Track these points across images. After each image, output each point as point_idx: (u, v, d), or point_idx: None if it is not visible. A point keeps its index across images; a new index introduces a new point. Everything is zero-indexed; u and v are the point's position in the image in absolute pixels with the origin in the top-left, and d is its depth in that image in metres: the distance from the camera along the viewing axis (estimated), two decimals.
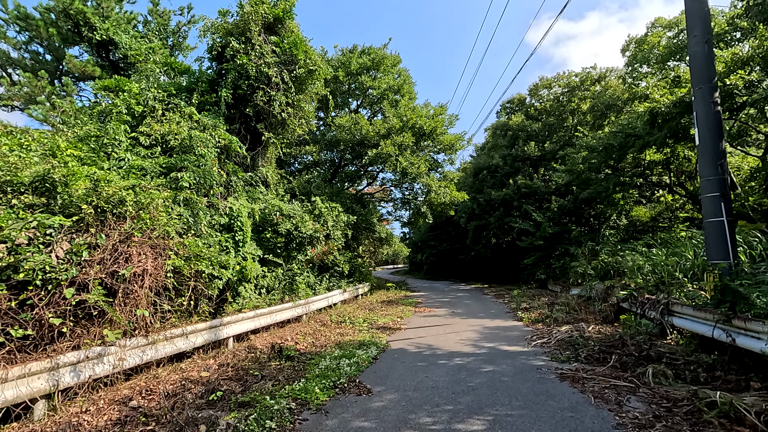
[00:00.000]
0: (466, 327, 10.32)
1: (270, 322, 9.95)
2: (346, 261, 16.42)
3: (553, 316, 10.49)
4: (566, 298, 13.74)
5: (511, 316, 11.88)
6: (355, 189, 22.71)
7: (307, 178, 17.05)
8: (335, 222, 13.35)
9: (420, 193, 22.53)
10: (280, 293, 11.30)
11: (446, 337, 9.04)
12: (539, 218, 20.40)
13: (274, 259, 11.24)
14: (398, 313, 13.26)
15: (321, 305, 13.44)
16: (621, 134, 15.54)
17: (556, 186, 23.37)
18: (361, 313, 13.42)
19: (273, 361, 7.27)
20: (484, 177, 27.34)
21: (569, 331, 8.41)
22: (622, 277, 12.79)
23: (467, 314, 12.83)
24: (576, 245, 18.73)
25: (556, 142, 24.59)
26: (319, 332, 10.04)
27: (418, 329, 10.36)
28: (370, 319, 11.84)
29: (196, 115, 10.06)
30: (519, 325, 10.24)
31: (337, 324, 11.28)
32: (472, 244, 29.55)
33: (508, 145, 26.57)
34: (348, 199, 16.89)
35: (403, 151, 16.68)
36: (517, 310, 13.03)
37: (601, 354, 6.52)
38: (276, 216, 11.11)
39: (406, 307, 14.86)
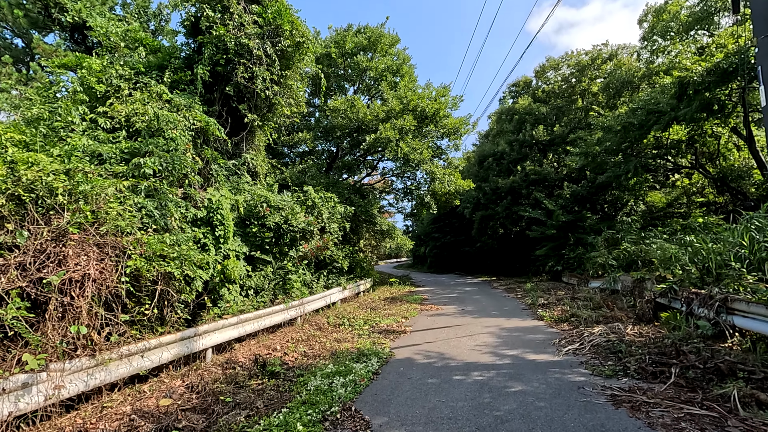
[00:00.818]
0: (481, 328, 9.10)
1: (257, 327, 8.75)
2: (345, 256, 15.21)
3: (578, 313, 9.25)
4: (588, 292, 12.49)
5: (530, 314, 10.65)
6: (354, 180, 21.42)
7: (302, 167, 15.79)
8: (331, 214, 12.10)
9: (423, 182, 21.24)
10: (270, 294, 10.10)
11: (459, 342, 7.82)
12: (551, 206, 19.12)
13: (263, 256, 10.02)
14: (403, 312, 12.05)
15: (318, 305, 12.25)
16: (642, 111, 14.19)
17: (568, 171, 22.03)
18: (362, 313, 12.22)
19: (254, 379, 6.07)
20: (490, 165, 26.02)
21: (604, 334, 7.17)
22: (649, 268, 11.55)
23: (479, 312, 11.60)
24: (592, 234, 17.46)
25: (565, 125, 23.20)
26: (313, 338, 8.84)
27: (425, 332, 9.15)
28: (372, 321, 10.63)
29: (167, 94, 8.78)
30: (541, 326, 9.01)
31: (334, 327, 10.08)
32: (478, 236, 28.30)
33: (515, 130, 25.20)
34: (346, 190, 15.64)
35: (404, 135, 15.37)
36: (534, 306, 11.79)
37: (654, 366, 5.28)
38: (263, 208, 9.87)
39: (411, 305, 13.65)
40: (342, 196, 15.33)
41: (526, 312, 11.16)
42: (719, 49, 11.20)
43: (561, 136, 22.55)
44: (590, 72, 23.36)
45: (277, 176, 14.75)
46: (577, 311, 9.29)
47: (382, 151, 15.36)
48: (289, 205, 10.27)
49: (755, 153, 14.51)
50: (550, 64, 26.01)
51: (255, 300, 9.61)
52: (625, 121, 14.57)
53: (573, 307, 10.73)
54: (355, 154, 19.77)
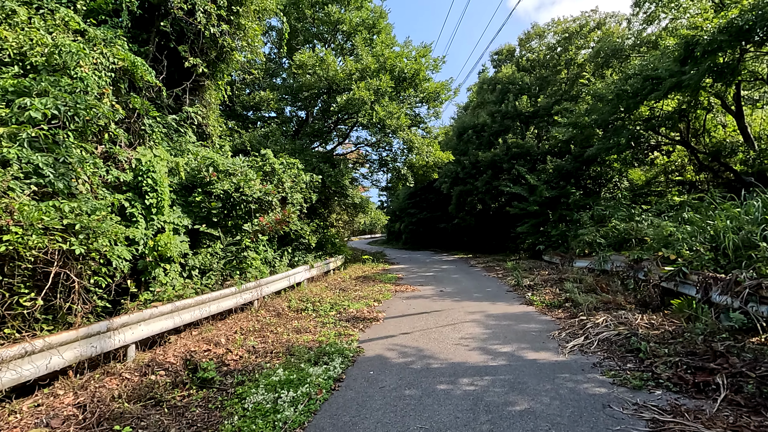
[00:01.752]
0: (464, 315, 7.93)
1: (200, 315, 7.27)
2: (313, 231, 13.74)
3: (573, 298, 8.21)
4: (575, 272, 11.57)
5: (516, 298, 9.58)
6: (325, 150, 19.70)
7: (264, 132, 13.99)
8: (294, 183, 10.53)
9: (400, 153, 19.78)
10: (219, 275, 8.58)
11: (441, 334, 6.61)
12: (533, 181, 18.11)
13: (210, 230, 8.44)
14: (375, 294, 10.80)
15: (280, 286, 10.83)
16: (637, 78, 13.08)
17: (552, 145, 21.02)
18: (329, 294, 10.90)
19: (179, 389, 4.65)
20: (469, 137, 24.74)
21: (611, 325, 6.09)
22: (642, 247, 10.67)
23: (460, 294, 10.48)
24: (576, 210, 16.60)
25: (550, 97, 22.04)
26: (268, 327, 7.45)
27: (401, 319, 7.91)
28: (340, 305, 9.32)
29: (77, 22, 6.88)
30: (532, 312, 7.91)
31: (296, 313, 8.72)
32: (455, 212, 27.29)
33: (497, 100, 23.88)
34: (314, 158, 14.01)
35: (379, 98, 13.77)
36: (520, 288, 10.76)
37: (692, 372, 4.18)
38: (208, 173, 8.22)
39: (384, 285, 12.43)
40: (309, 164, 13.71)
41: (511, 295, 10.10)
42: (734, 5, 10.05)
43: (545, 107, 21.41)
44: (577, 41, 22.12)
45: (235, 140, 12.94)
46: (573, 296, 8.24)
47: (354, 115, 13.72)
48: (242, 171, 8.64)
49: (743, 129, 13.79)
50: (536, 31, 24.61)
51: (200, 282, 8.08)
52: (619, 88, 13.45)
53: (564, 289, 9.73)
54: (326, 121, 18.01)
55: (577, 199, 16.70)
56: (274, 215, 9.00)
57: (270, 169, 9.69)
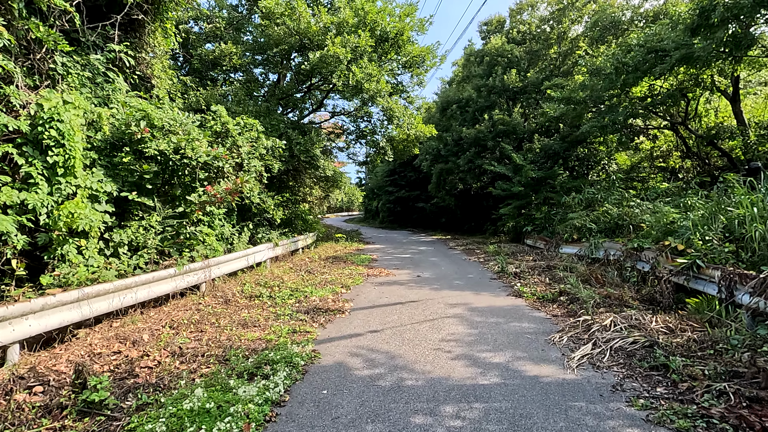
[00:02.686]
0: (445, 307, 6.81)
1: (121, 304, 5.86)
2: (278, 205, 12.29)
3: (567, 291, 7.20)
4: (562, 259, 10.62)
5: (503, 287, 8.52)
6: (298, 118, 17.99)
7: (225, 90, 12.25)
8: (254, 147, 9.02)
9: (379, 125, 18.30)
10: (155, 253, 7.13)
11: (418, 334, 5.45)
12: (519, 160, 17.03)
13: (142, 199, 6.93)
14: (344, 279, 9.58)
15: (235, 267, 9.47)
16: (640, 50, 11.97)
17: (539, 123, 19.95)
18: (292, 277, 9.61)
19: (48, 418, 3.32)
20: (453, 113, 23.39)
21: (621, 328, 5.05)
22: (638, 234, 9.79)
23: (439, 281, 9.37)
24: (563, 193, 15.69)
25: (540, 71, 20.83)
26: (209, 319, 6.13)
27: (370, 312, 6.71)
28: (302, 291, 8.05)
29: None
30: (523, 307, 6.85)
31: (248, 300, 7.40)
32: (435, 191, 26.18)
33: (484, 74, 22.50)
34: (282, 123, 12.42)
35: (358, 57, 12.19)
36: (505, 275, 9.73)
37: (750, 405, 3.13)
38: (139, 128, 6.65)
39: (356, 268, 11.21)
40: (276, 130, 12.14)
41: (496, 283, 9.05)
42: None
43: (535, 83, 20.19)
44: (571, 13, 20.84)
45: (190, 98, 11.20)
46: (569, 288, 7.22)
47: (329, 77, 12.12)
48: (184, 129, 7.10)
49: (738, 114, 13.02)
50: (528, 2, 23.15)
51: (128, 262, 6.63)
52: (620, 61, 12.32)
53: (555, 279, 8.74)
54: (299, 85, 16.27)
55: (564, 181, 15.77)
56: (226, 184, 7.52)
57: (222, 129, 8.14)
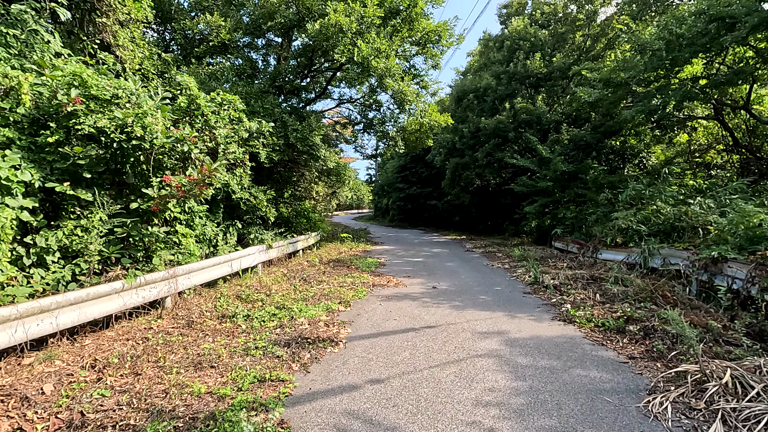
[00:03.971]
0: (473, 339, 5.09)
1: (24, 337, 4.26)
2: (271, 201, 10.68)
3: (634, 315, 5.42)
4: (615, 269, 8.78)
5: (543, 307, 6.75)
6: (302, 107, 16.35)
7: (212, 70, 10.66)
8: (233, 130, 7.37)
9: (389, 114, 16.58)
10: (95, 261, 5.54)
11: (440, 388, 3.75)
12: (545, 153, 15.16)
13: (78, 192, 5.33)
14: (345, 290, 7.92)
15: (215, 275, 7.89)
16: (700, 18, 10.07)
17: (566, 112, 18.03)
18: (283, 288, 7.98)
19: None
20: (470, 103, 21.55)
21: (758, 392, 3.27)
22: (705, 239, 7.97)
23: (461, 296, 7.64)
24: (594, 189, 13.81)
25: (567, 55, 18.87)
26: (152, 355, 4.50)
27: (373, 343, 5.03)
28: (289, 308, 6.39)
29: None
30: (582, 341, 5.06)
31: (218, 322, 5.78)
32: (449, 187, 24.38)
33: (504, 60, 20.62)
34: (277, 107, 10.77)
35: (364, 30, 10.47)
36: (542, 288, 7.95)
37: None
38: (69, 98, 5.04)
39: (360, 275, 9.54)
40: (270, 114, 10.50)
41: (533, 299, 7.29)
42: None
43: (561, 68, 18.25)
44: None
45: (172, 76, 9.60)
46: (635, 311, 5.44)
47: (330, 52, 10.42)
48: (134, 101, 5.48)
49: None
50: None
51: (52, 277, 5.03)
52: (673, 33, 10.40)
53: (607, 295, 6.94)
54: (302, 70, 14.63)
55: (597, 176, 13.85)
56: (194, 173, 5.88)
57: (192, 106, 6.50)
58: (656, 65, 11.23)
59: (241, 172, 9.81)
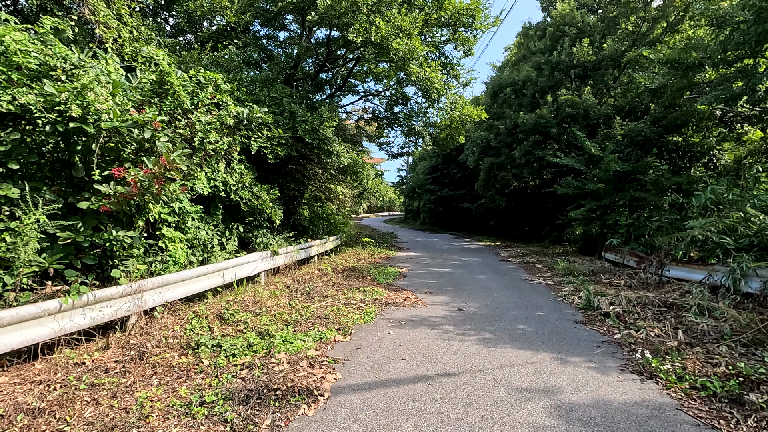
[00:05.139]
0: (510, 402, 3.57)
1: None
2: (276, 201, 9.48)
3: (752, 374, 3.70)
4: (691, 292, 6.90)
5: (604, 346, 5.07)
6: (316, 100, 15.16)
7: (215, 56, 9.60)
8: (218, 119, 6.15)
9: (416, 110, 15.11)
10: (24, 275, 4.43)
11: None
12: (595, 150, 13.20)
13: (4, 189, 4.24)
14: (349, 310, 6.53)
15: (200, 287, 6.72)
16: None
17: (619, 105, 15.90)
18: (279, 304, 6.71)
19: None
20: (507, 97, 19.73)
21: None
22: None
23: (493, 324, 6.06)
24: (655, 192, 11.77)
25: (619, 41, 16.72)
26: (56, 411, 3.28)
27: (367, 400, 3.61)
28: (273, 336, 5.07)
29: None
30: (680, 419, 3.42)
31: (177, 354, 4.53)
32: (483, 189, 22.60)
33: (546, 49, 18.65)
34: (285, 96, 9.57)
35: (384, 8, 9.06)
36: (598, 317, 6.24)
37: None
38: None
39: (373, 289, 8.13)
40: (277, 105, 9.31)
41: (589, 334, 5.61)
42: None
43: (612, 56, 16.14)
44: None
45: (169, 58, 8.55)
46: (745, 366, 3.72)
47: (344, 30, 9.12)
48: (69, 70, 4.33)
49: None
50: None
51: None
52: None
53: (695, 332, 5.17)
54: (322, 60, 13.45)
55: (660, 176, 11.78)
56: (149, 165, 4.67)
57: (158, 81, 5.31)
58: (740, 41, 9.18)
59: (242, 168, 8.68)
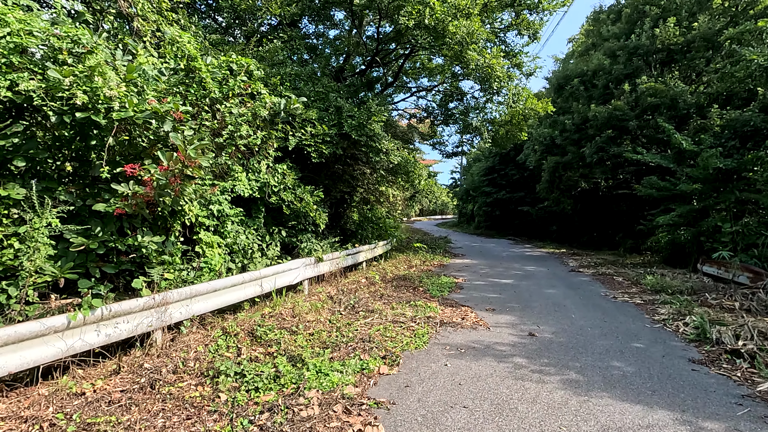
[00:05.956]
0: None
1: None
2: (322, 204, 8.78)
3: None
4: None
5: (749, 405, 3.71)
6: None
7: (261, 51, 9.11)
8: (251, 110, 5.47)
9: (473, 105, 13.91)
10: (31, 285, 3.94)
11: None
12: (687, 144, 11.23)
13: (8, 189, 3.77)
14: (397, 333, 5.59)
15: (233, 298, 6.11)
16: None
17: (717, 90, 13.63)
18: (317, 321, 5.92)
19: None
20: (574, 90, 17.88)
21: None
22: None
23: (577, 357, 4.82)
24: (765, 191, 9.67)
25: (713, 18, 14.40)
26: None
27: None
28: (303, 368, 4.25)
29: None
30: None
31: (195, 383, 3.83)
32: (546, 192, 20.76)
33: (622, 32, 16.61)
34: (331, 90, 8.86)
35: None
36: (722, 356, 4.79)
37: None
38: None
39: (426, 305, 7.11)
40: (322, 99, 8.62)
41: (714, 379, 4.25)
42: None
43: (705, 35, 13.90)
44: None
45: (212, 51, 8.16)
46: None
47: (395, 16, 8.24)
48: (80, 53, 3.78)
49: None
50: None
51: None
52: None
53: None
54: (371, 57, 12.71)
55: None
56: (164, 161, 4.03)
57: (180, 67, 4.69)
58: None
59: (284, 168, 8.06)
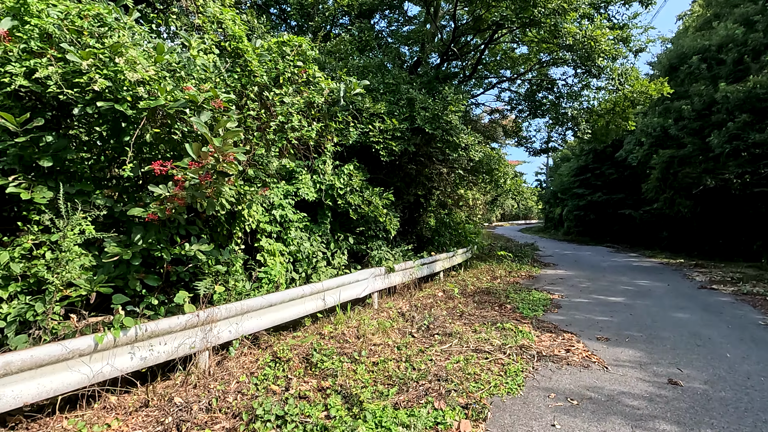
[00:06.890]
0: None
1: None
2: (392, 208, 7.87)
3: None
4: None
5: None
6: None
7: (330, 45, 8.54)
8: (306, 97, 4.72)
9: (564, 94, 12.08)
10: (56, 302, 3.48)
11: None
12: None
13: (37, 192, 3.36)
14: (484, 367, 4.42)
15: (291, 314, 5.42)
16: None
17: None
18: (384, 345, 4.98)
19: None
20: (692, 70, 15.04)
21: None
22: None
23: (755, 427, 3.26)
24: None
25: None
26: None
27: None
28: (360, 416, 3.30)
29: None
30: None
31: (228, 423, 3.07)
32: (655, 191, 17.85)
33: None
34: (403, 83, 7.95)
35: None
36: None
37: None
38: None
39: (517, 328, 5.80)
40: (394, 92, 7.74)
41: None
42: None
43: None
44: None
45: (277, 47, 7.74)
46: None
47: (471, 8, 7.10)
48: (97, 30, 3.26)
49: None
50: None
51: None
52: None
53: None
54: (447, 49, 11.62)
55: None
56: (193, 156, 3.37)
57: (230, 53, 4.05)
58: None
59: (350, 168, 7.31)
